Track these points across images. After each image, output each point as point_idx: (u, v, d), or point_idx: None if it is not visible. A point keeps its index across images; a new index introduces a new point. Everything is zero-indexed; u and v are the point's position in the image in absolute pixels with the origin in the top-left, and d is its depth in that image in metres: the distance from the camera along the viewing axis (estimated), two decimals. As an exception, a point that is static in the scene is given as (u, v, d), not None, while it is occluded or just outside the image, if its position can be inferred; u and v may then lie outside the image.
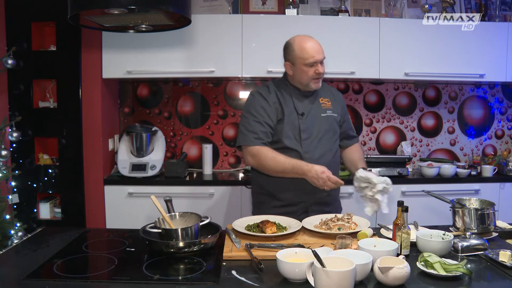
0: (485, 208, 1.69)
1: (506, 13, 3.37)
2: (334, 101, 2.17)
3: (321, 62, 2.03)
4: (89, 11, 1.81)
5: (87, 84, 2.93)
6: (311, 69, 2.01)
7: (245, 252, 1.52)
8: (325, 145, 2.07)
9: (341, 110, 2.19)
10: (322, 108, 2.11)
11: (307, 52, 2.00)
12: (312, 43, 2.03)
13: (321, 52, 2.02)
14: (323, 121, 2.08)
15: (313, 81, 2.04)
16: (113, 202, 2.95)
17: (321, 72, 2.02)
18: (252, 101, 2.07)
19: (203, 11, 3.17)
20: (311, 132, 2.05)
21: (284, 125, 2.03)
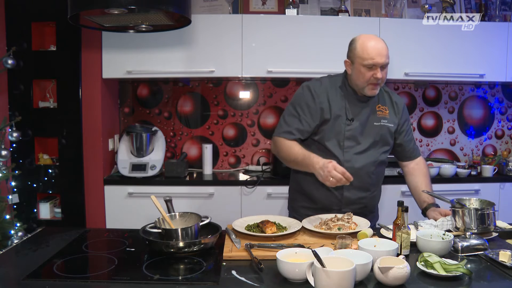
0: (485, 208, 1.69)
1: (506, 13, 3.37)
2: (393, 110, 1.99)
3: (383, 67, 1.84)
4: (89, 11, 1.81)
5: (87, 84, 2.93)
6: (369, 72, 1.83)
7: (245, 252, 1.52)
8: (370, 156, 1.92)
9: (399, 119, 2.00)
10: (377, 116, 1.94)
11: (367, 53, 1.83)
12: (376, 43, 1.85)
13: (383, 56, 1.82)
14: (374, 130, 1.92)
15: (369, 86, 1.86)
16: (113, 202, 2.95)
17: (379, 78, 1.83)
18: (300, 95, 1.96)
19: (203, 11, 3.17)
20: (357, 140, 1.91)
21: (329, 127, 1.90)
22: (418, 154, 2.10)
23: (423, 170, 2.06)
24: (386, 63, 1.84)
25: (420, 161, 2.09)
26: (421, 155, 2.11)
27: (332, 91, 1.94)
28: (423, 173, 2.04)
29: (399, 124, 2.00)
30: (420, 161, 2.09)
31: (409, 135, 2.05)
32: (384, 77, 1.86)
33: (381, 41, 1.87)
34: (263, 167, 3.29)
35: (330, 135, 1.90)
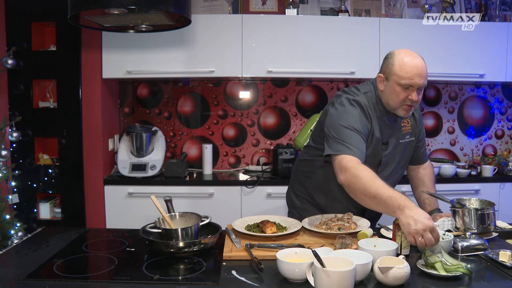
0: (485, 208, 1.69)
1: (506, 13, 3.37)
2: (414, 122, 1.90)
3: (420, 88, 1.70)
4: (89, 11, 1.81)
5: (87, 84, 2.93)
6: (404, 92, 1.69)
7: (245, 252, 1.52)
8: (393, 177, 1.86)
9: (418, 131, 1.91)
10: (401, 133, 1.84)
11: (406, 71, 1.67)
12: (416, 62, 1.69)
13: (423, 77, 1.68)
14: (399, 149, 1.83)
15: (402, 108, 1.72)
16: (113, 202, 2.95)
17: (414, 100, 1.69)
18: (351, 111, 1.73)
19: (203, 11, 3.17)
20: (389, 164, 1.83)
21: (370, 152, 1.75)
22: (427, 158, 2.04)
23: (430, 176, 2.01)
24: (424, 85, 1.71)
25: (428, 166, 2.04)
26: (428, 160, 2.07)
27: (373, 111, 1.77)
28: (430, 179, 1.99)
29: (419, 135, 1.94)
30: (427, 166, 2.04)
31: (422, 141, 1.99)
32: (419, 100, 1.72)
33: (421, 60, 1.73)
34: (263, 167, 3.29)
35: (368, 159, 1.72)
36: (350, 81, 3.39)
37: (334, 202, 1.92)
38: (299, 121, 3.44)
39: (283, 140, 3.45)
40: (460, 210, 1.69)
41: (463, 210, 1.68)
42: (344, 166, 1.62)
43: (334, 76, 3.09)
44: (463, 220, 1.67)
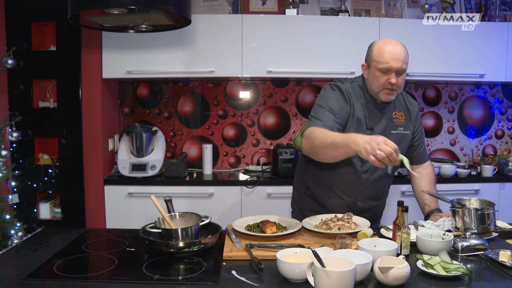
0: (485, 208, 1.69)
1: (506, 13, 3.37)
2: (409, 116, 1.94)
3: (399, 72, 1.77)
4: (89, 11, 1.81)
5: (87, 84, 2.93)
6: (384, 76, 1.77)
7: (245, 252, 1.52)
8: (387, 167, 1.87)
9: (413, 126, 1.94)
10: (393, 124, 1.89)
11: (383, 56, 1.76)
12: (392, 47, 1.77)
13: (399, 61, 1.75)
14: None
15: (383, 91, 1.80)
16: (113, 202, 2.95)
17: (393, 83, 1.76)
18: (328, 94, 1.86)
19: (203, 11, 3.17)
20: None
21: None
22: (427, 158, 2.05)
23: (430, 176, 2.01)
24: (402, 68, 1.77)
25: (428, 165, 2.04)
26: (429, 159, 2.07)
27: (357, 97, 1.86)
28: (430, 179, 2.00)
29: (414, 131, 1.96)
30: (427, 166, 2.04)
31: (420, 139, 2.00)
32: (400, 84, 1.79)
33: (400, 46, 1.80)
34: (263, 167, 3.29)
35: None
36: (350, 81, 3.39)
37: (327, 190, 1.94)
38: (299, 121, 3.44)
39: (283, 140, 3.45)
40: (460, 210, 1.69)
41: (463, 210, 1.68)
42: (304, 135, 1.76)
43: (334, 76, 3.08)
44: (463, 220, 1.67)
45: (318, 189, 1.98)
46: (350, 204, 1.92)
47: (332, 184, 1.89)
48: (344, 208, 1.92)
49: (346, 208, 1.92)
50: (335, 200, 1.93)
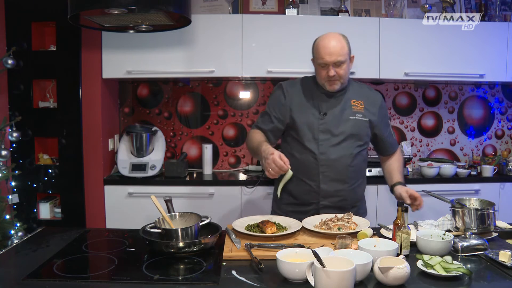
0: (485, 208, 1.69)
1: (506, 13, 3.37)
2: (369, 105, 2.04)
3: (337, 64, 1.90)
4: (89, 11, 1.81)
5: (87, 84, 2.93)
6: (323, 70, 1.93)
7: (245, 252, 1.52)
8: (346, 148, 1.97)
9: (375, 114, 2.04)
10: (351, 111, 2.00)
11: (318, 52, 1.93)
12: (327, 42, 1.91)
13: (333, 55, 1.89)
14: (349, 124, 1.98)
15: (327, 83, 1.95)
16: (113, 202, 2.95)
17: (330, 76, 1.91)
18: (273, 94, 2.09)
19: (203, 11, 3.17)
20: (332, 133, 1.97)
21: (303, 123, 1.98)
22: (396, 148, 2.17)
23: (397, 156, 2.16)
24: (337, 61, 1.90)
25: (396, 155, 2.17)
26: (398, 149, 2.19)
27: (306, 89, 2.04)
28: (397, 159, 2.15)
29: (376, 119, 2.05)
30: (395, 155, 2.17)
31: (386, 130, 2.11)
32: (341, 74, 1.92)
33: (334, 39, 1.92)
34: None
35: (305, 130, 1.98)
36: (350, 81, 3.40)
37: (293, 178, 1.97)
38: (299, 121, 3.44)
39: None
40: (460, 210, 1.69)
41: (463, 210, 1.68)
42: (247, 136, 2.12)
43: (334, 76, 3.09)
44: (463, 220, 1.67)
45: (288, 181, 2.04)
46: (315, 188, 1.98)
47: (296, 171, 1.95)
48: (311, 193, 1.99)
49: (312, 193, 1.99)
50: (301, 187, 2.01)
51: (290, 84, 2.07)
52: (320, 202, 1.98)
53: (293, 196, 2.05)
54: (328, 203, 1.98)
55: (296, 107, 2.00)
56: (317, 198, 1.98)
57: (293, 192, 2.04)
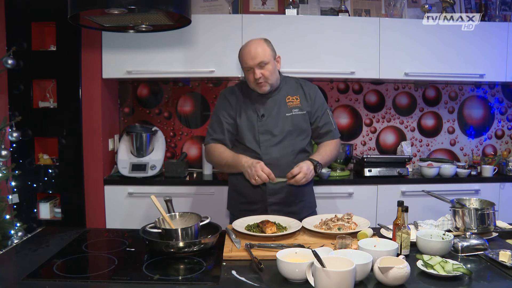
0: (485, 208, 1.69)
1: (506, 13, 3.37)
2: (304, 98, 2.12)
3: (261, 66, 1.99)
4: (89, 11, 1.81)
5: (87, 84, 2.93)
6: (249, 74, 2.03)
7: (245, 252, 1.52)
8: (288, 146, 2.05)
9: (311, 106, 2.12)
10: (287, 108, 2.08)
11: (242, 58, 2.04)
12: (248, 48, 2.02)
13: (256, 57, 1.98)
14: (287, 121, 2.07)
15: (256, 86, 2.03)
16: (113, 202, 2.95)
17: (256, 78, 1.99)
18: (217, 103, 2.18)
19: (203, 11, 3.17)
20: (271, 133, 2.05)
21: (244, 126, 2.07)
22: (332, 137, 2.16)
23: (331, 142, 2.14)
24: (260, 62, 1.98)
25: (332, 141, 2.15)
26: (337, 139, 2.18)
27: (244, 94, 2.12)
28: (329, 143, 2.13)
29: (312, 111, 2.11)
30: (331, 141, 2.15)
31: (324, 120, 2.14)
32: (266, 74, 2.00)
33: (255, 44, 2.03)
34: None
35: (246, 133, 2.07)
36: (350, 81, 3.40)
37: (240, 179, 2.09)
38: (299, 121, 3.43)
39: (283, 140, 3.44)
40: (460, 210, 1.69)
41: (463, 210, 1.68)
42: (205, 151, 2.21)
43: (334, 76, 3.09)
44: (463, 220, 1.67)
45: (237, 180, 2.15)
46: (261, 186, 2.04)
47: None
48: (258, 191, 2.07)
49: (259, 191, 2.06)
50: (249, 187, 2.07)
51: (230, 91, 2.17)
52: (267, 200, 2.07)
53: (243, 196, 2.13)
54: (275, 200, 2.07)
55: (239, 112, 2.10)
56: (263, 196, 2.07)
57: (243, 192, 2.13)
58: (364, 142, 3.48)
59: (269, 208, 2.06)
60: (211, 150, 2.12)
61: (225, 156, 2.04)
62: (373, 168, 3.04)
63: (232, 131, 2.11)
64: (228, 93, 2.16)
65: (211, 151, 2.12)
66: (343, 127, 3.44)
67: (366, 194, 2.98)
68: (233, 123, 2.10)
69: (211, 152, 2.12)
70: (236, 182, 2.16)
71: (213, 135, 2.12)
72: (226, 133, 2.10)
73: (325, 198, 2.87)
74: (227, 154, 2.04)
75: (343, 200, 2.95)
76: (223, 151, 2.07)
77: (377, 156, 3.22)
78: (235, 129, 2.10)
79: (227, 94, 2.15)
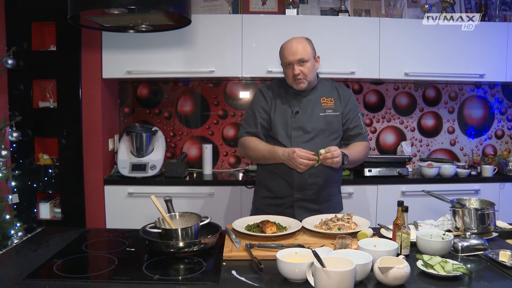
0: (485, 208, 1.69)
1: (506, 13, 3.37)
2: (339, 100, 2.15)
3: (300, 63, 2.02)
4: (89, 11, 1.80)
5: (87, 84, 2.93)
6: (289, 70, 2.06)
7: (245, 252, 1.52)
8: (319, 144, 2.04)
9: (344, 108, 2.15)
10: (321, 108, 2.11)
11: (283, 54, 2.07)
12: (290, 44, 2.06)
13: (297, 54, 2.02)
14: (320, 120, 2.09)
15: (294, 82, 2.06)
16: (113, 202, 2.95)
17: (295, 74, 2.02)
18: (254, 97, 2.21)
19: (203, 11, 3.17)
20: (304, 129, 2.07)
21: (278, 122, 2.09)
22: (362, 139, 2.16)
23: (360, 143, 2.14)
24: (301, 59, 2.02)
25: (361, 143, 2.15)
26: (366, 142, 2.19)
27: (280, 91, 2.15)
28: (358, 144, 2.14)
29: (344, 112, 2.14)
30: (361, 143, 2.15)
31: (355, 122, 2.16)
32: (305, 72, 2.03)
33: (297, 41, 2.07)
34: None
35: (279, 128, 2.09)
36: (350, 81, 3.40)
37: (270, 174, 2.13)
38: (299, 121, 3.43)
39: (283, 140, 3.44)
40: (460, 210, 1.69)
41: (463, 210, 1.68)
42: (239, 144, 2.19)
43: (334, 76, 3.08)
44: (463, 220, 1.67)
45: (263, 174, 2.19)
46: (289, 181, 2.08)
47: (273, 167, 2.10)
48: (286, 187, 2.09)
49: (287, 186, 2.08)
50: (276, 181, 2.11)
51: (267, 87, 2.19)
52: (294, 195, 2.08)
53: (269, 190, 2.15)
54: (302, 196, 2.07)
55: (274, 108, 2.12)
56: (291, 192, 2.08)
57: (269, 187, 2.15)
58: (364, 142, 3.48)
59: (295, 204, 2.07)
60: (245, 143, 2.13)
61: (260, 149, 2.06)
62: (373, 168, 3.04)
63: (265, 125, 2.13)
64: (265, 88, 2.19)
65: (245, 144, 2.13)
66: (343, 127, 3.44)
67: (366, 194, 2.98)
68: (267, 118, 2.12)
69: (246, 144, 2.13)
70: (264, 177, 2.18)
71: (247, 128, 2.14)
72: (260, 127, 2.12)
73: (325, 198, 2.87)
74: (262, 147, 2.06)
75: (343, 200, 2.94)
76: (258, 144, 2.08)
77: (377, 156, 3.22)
78: (269, 124, 2.12)
79: (264, 89, 2.18)
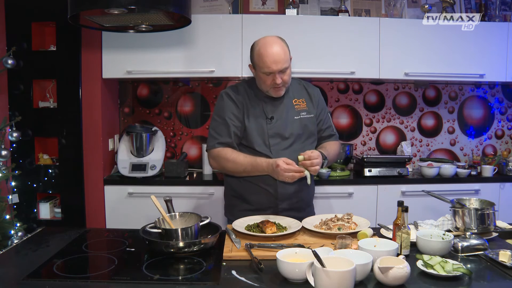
0: (485, 208, 1.69)
1: (506, 13, 3.37)
2: (310, 101, 2.06)
3: (282, 71, 1.88)
4: (89, 11, 1.81)
5: (87, 84, 2.93)
6: (268, 78, 1.90)
7: (245, 252, 1.52)
8: (298, 149, 1.94)
9: (316, 109, 2.06)
10: (295, 111, 2.01)
11: (263, 62, 1.87)
12: (272, 51, 1.86)
13: (280, 62, 1.85)
14: (296, 124, 1.98)
15: (272, 90, 1.93)
16: (113, 202, 2.95)
17: (277, 83, 1.88)
18: (220, 103, 2.01)
19: (203, 11, 3.17)
20: (282, 136, 1.96)
21: (253, 129, 1.95)
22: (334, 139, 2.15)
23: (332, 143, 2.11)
24: (283, 68, 1.87)
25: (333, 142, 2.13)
26: (339, 142, 2.18)
27: (250, 95, 2.00)
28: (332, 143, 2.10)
29: (317, 113, 2.07)
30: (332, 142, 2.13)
31: (327, 123, 2.12)
32: (286, 79, 1.91)
33: (277, 45, 1.89)
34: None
35: (255, 136, 1.95)
36: (350, 81, 3.40)
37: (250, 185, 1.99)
38: (299, 121, 3.43)
39: (283, 140, 3.44)
40: (460, 210, 1.69)
41: (463, 210, 1.68)
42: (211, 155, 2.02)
43: (334, 76, 3.09)
44: (463, 220, 1.67)
45: (240, 186, 2.03)
46: (272, 192, 1.96)
47: (252, 178, 1.96)
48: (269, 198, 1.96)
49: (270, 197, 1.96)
50: (257, 192, 1.98)
51: (233, 91, 2.02)
52: (278, 206, 1.96)
53: (249, 203, 2.00)
54: (286, 206, 1.97)
55: (246, 114, 1.97)
56: (274, 202, 1.96)
57: (249, 200, 2.00)
58: (364, 142, 3.48)
59: (280, 214, 1.93)
60: (220, 155, 1.95)
61: (240, 161, 1.90)
62: (373, 168, 3.04)
63: (239, 134, 1.96)
64: (232, 92, 2.00)
65: (221, 156, 1.95)
66: (343, 127, 3.44)
67: (366, 194, 2.98)
68: (240, 126, 1.96)
69: (221, 157, 1.94)
70: (241, 190, 2.02)
71: (219, 138, 1.96)
72: (233, 136, 1.95)
73: (325, 198, 2.87)
74: (242, 159, 1.90)
75: (343, 200, 2.95)
76: (236, 156, 1.92)
77: (377, 156, 3.22)
78: (242, 132, 1.96)
79: (231, 93, 1.99)
